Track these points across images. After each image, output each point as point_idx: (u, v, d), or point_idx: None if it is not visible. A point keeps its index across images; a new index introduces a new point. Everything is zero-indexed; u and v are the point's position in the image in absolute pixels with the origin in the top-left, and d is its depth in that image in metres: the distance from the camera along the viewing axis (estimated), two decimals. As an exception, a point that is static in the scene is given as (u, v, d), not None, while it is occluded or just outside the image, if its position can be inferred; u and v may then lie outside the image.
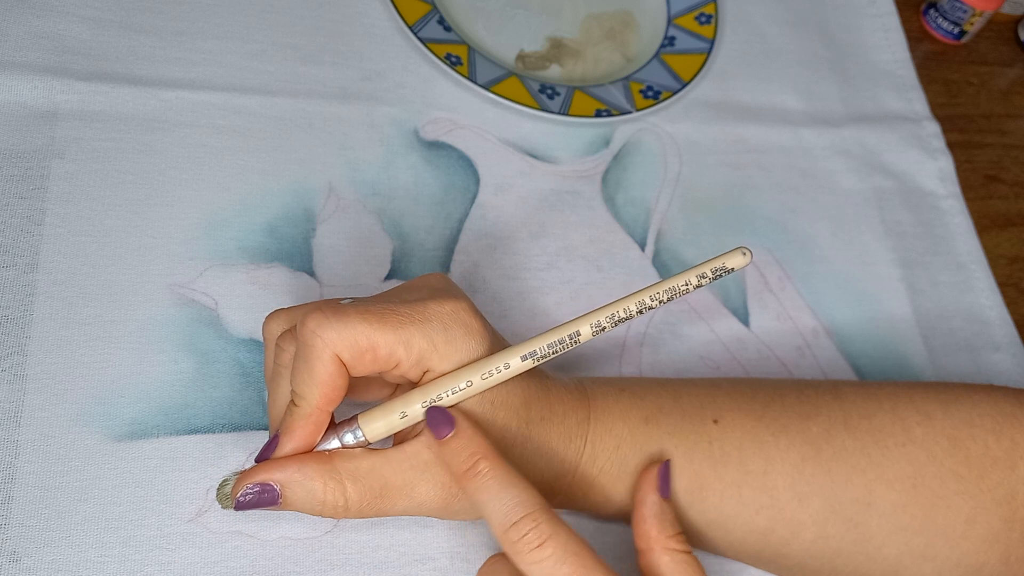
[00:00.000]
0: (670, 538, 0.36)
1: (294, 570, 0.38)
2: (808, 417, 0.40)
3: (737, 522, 0.39)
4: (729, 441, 0.39)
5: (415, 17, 0.54)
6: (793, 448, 0.39)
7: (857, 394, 0.41)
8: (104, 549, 0.36)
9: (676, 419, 0.39)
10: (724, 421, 0.40)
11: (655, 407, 0.40)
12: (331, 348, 0.32)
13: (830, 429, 0.39)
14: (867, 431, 0.39)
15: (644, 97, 0.56)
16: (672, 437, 0.39)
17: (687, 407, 0.40)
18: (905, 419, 0.40)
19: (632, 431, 0.38)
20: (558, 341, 0.34)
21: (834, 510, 0.38)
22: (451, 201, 0.50)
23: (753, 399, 0.41)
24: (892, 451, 0.39)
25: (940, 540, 0.38)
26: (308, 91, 0.50)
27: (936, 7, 0.69)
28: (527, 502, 0.32)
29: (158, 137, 0.46)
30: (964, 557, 0.39)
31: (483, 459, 0.33)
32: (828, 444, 0.39)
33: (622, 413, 0.39)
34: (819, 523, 0.39)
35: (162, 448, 0.39)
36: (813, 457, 0.39)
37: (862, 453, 0.39)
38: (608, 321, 0.34)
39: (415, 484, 0.34)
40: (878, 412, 0.40)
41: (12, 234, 0.41)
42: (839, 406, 0.40)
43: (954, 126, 0.64)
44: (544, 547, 0.31)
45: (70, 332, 0.40)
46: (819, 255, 0.55)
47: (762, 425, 0.39)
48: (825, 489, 0.39)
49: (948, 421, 0.40)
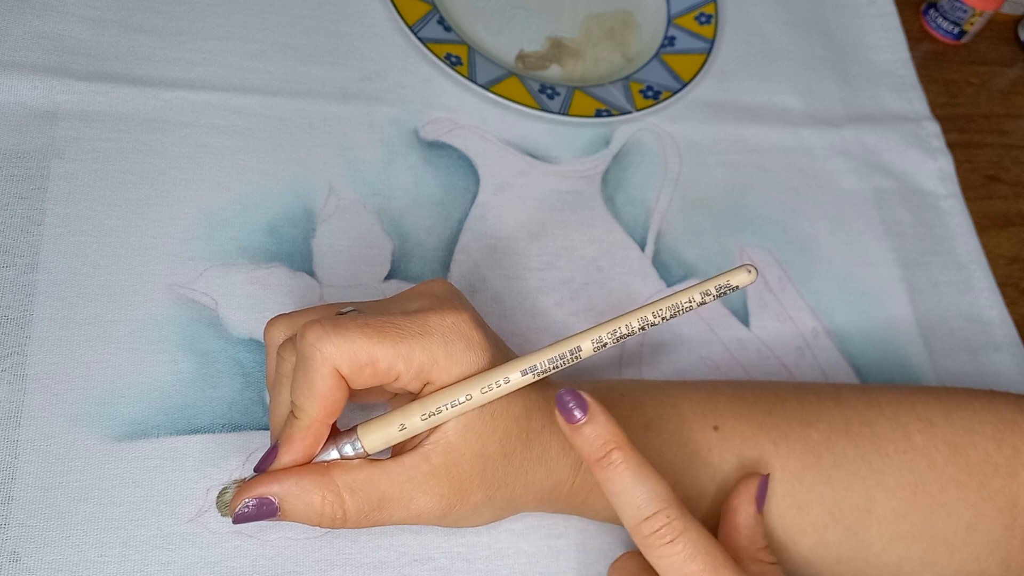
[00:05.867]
0: (760, 550, 0.37)
1: (294, 570, 0.38)
2: (809, 423, 0.40)
3: None
4: (728, 449, 0.39)
5: (415, 17, 0.54)
6: (793, 456, 0.39)
7: (859, 400, 0.41)
8: (104, 549, 0.36)
9: (676, 426, 0.39)
10: (724, 428, 0.40)
11: (654, 413, 0.40)
12: (330, 362, 0.32)
13: (831, 436, 0.39)
14: (868, 438, 0.39)
15: (644, 97, 0.56)
16: (671, 446, 0.39)
17: (687, 413, 0.40)
18: (906, 426, 0.40)
19: (631, 438, 0.39)
20: (559, 356, 0.34)
21: (834, 517, 0.38)
22: (451, 201, 0.50)
23: (754, 405, 0.41)
24: (893, 458, 0.39)
25: (940, 547, 0.38)
26: (308, 91, 0.50)
27: (936, 7, 0.69)
28: (661, 496, 0.33)
29: (158, 137, 0.46)
30: (964, 564, 0.39)
31: (617, 449, 0.33)
32: (828, 451, 0.39)
33: (621, 420, 0.39)
34: (819, 530, 0.39)
35: (162, 448, 0.39)
36: (813, 464, 0.39)
37: (863, 460, 0.39)
38: (610, 337, 0.34)
39: (413, 496, 0.34)
40: (879, 419, 0.40)
41: (12, 234, 0.41)
42: (840, 412, 0.40)
43: (954, 126, 0.64)
44: (676, 543, 0.32)
45: (70, 332, 0.40)
46: (819, 255, 0.55)
47: (762, 432, 0.39)
48: (825, 496, 0.39)
49: (949, 428, 0.40)
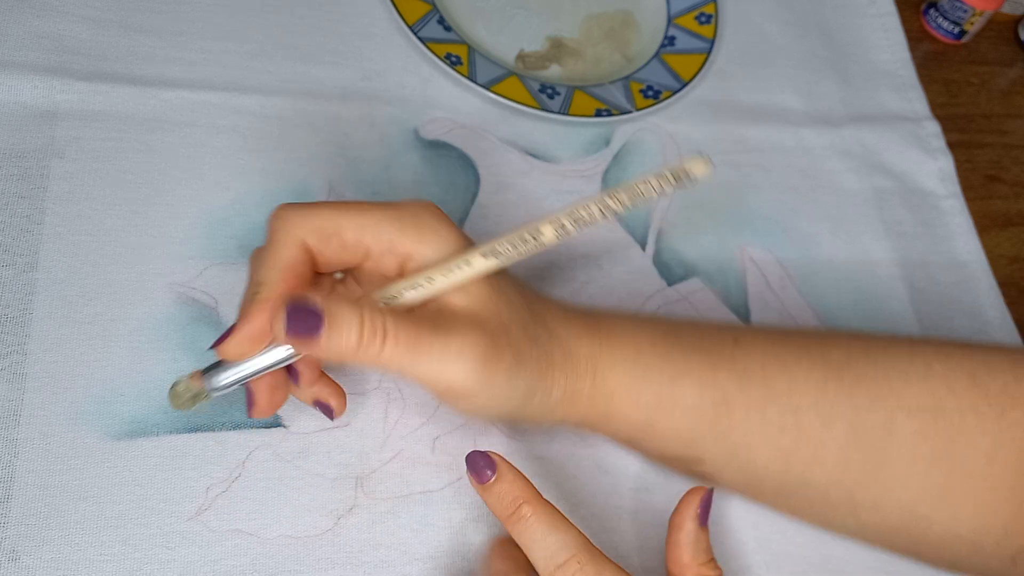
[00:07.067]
0: (702, 564, 0.37)
1: (294, 568, 0.38)
2: (828, 346, 0.40)
3: (762, 441, 0.38)
4: (752, 360, 0.39)
5: (415, 17, 0.54)
6: (815, 369, 0.38)
7: (874, 336, 0.41)
8: (104, 548, 0.36)
9: (698, 337, 0.39)
10: (744, 342, 0.39)
11: (674, 327, 0.39)
12: (296, 232, 0.31)
13: (850, 358, 0.39)
14: (887, 362, 0.39)
15: (644, 97, 0.56)
16: (696, 352, 0.38)
17: (705, 330, 0.40)
18: (925, 355, 0.39)
19: (653, 341, 0.38)
20: (521, 240, 0.34)
21: (856, 434, 0.38)
22: (451, 201, 0.50)
23: (771, 329, 0.41)
24: (913, 382, 0.38)
25: (959, 476, 0.38)
26: (308, 91, 0.50)
27: (936, 7, 0.69)
28: (571, 544, 0.33)
29: (158, 137, 0.46)
30: (980, 495, 0.38)
31: (526, 503, 0.34)
32: (849, 370, 0.39)
33: (636, 328, 0.38)
34: (842, 447, 0.38)
35: (162, 446, 0.39)
36: (835, 380, 0.38)
37: (883, 381, 0.38)
38: (569, 220, 0.34)
39: (451, 328, 0.33)
40: (897, 349, 0.40)
41: (12, 233, 0.41)
42: (858, 343, 0.40)
43: (954, 126, 0.64)
44: None
45: (70, 331, 0.40)
46: (819, 255, 0.55)
47: (783, 347, 0.39)
48: (848, 413, 0.38)
49: (967, 360, 0.39)
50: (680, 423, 0.38)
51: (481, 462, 0.35)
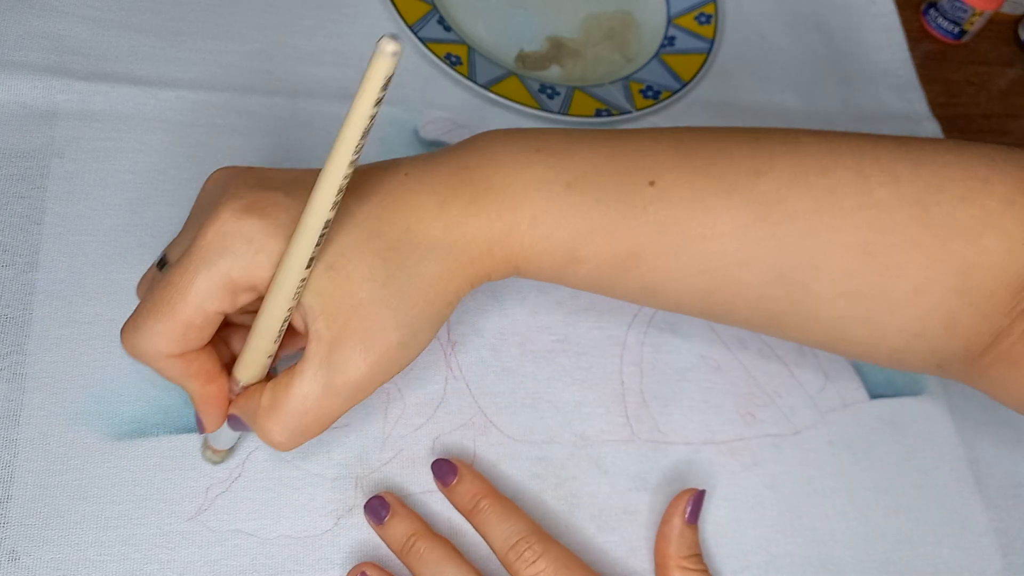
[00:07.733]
0: (685, 559, 0.40)
1: (294, 568, 0.38)
2: (759, 173, 0.37)
3: (677, 284, 0.37)
4: (667, 205, 0.36)
5: (415, 17, 0.54)
6: (739, 209, 0.36)
7: (817, 146, 0.38)
8: (103, 548, 0.36)
9: (606, 181, 0.36)
10: (662, 182, 0.36)
11: (581, 170, 0.36)
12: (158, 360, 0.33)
13: (780, 188, 0.36)
14: (824, 189, 0.36)
15: (644, 97, 0.56)
16: (600, 204, 0.36)
17: (619, 167, 0.36)
18: (868, 178, 0.36)
19: (551, 200, 0.35)
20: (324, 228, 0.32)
21: (780, 272, 0.36)
22: (451, 200, 0.50)
23: (696, 154, 0.37)
24: (850, 213, 0.36)
25: (883, 305, 0.37)
26: (308, 91, 0.50)
27: (936, 7, 0.69)
28: (522, 528, 0.39)
29: (158, 137, 0.46)
30: (906, 323, 0.37)
31: (484, 498, 0.40)
32: (779, 205, 0.36)
33: (535, 180, 0.35)
34: (763, 284, 0.37)
35: (162, 446, 0.39)
36: (761, 219, 0.36)
37: (816, 214, 0.36)
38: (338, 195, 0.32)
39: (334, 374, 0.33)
40: (838, 168, 0.37)
41: (11, 233, 0.41)
42: (796, 160, 0.37)
43: (954, 126, 0.64)
44: (538, 562, 0.38)
45: (69, 331, 0.40)
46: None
47: (706, 185, 0.36)
48: (772, 252, 0.36)
49: (915, 184, 0.36)
50: (590, 278, 0.37)
51: (445, 467, 0.41)
